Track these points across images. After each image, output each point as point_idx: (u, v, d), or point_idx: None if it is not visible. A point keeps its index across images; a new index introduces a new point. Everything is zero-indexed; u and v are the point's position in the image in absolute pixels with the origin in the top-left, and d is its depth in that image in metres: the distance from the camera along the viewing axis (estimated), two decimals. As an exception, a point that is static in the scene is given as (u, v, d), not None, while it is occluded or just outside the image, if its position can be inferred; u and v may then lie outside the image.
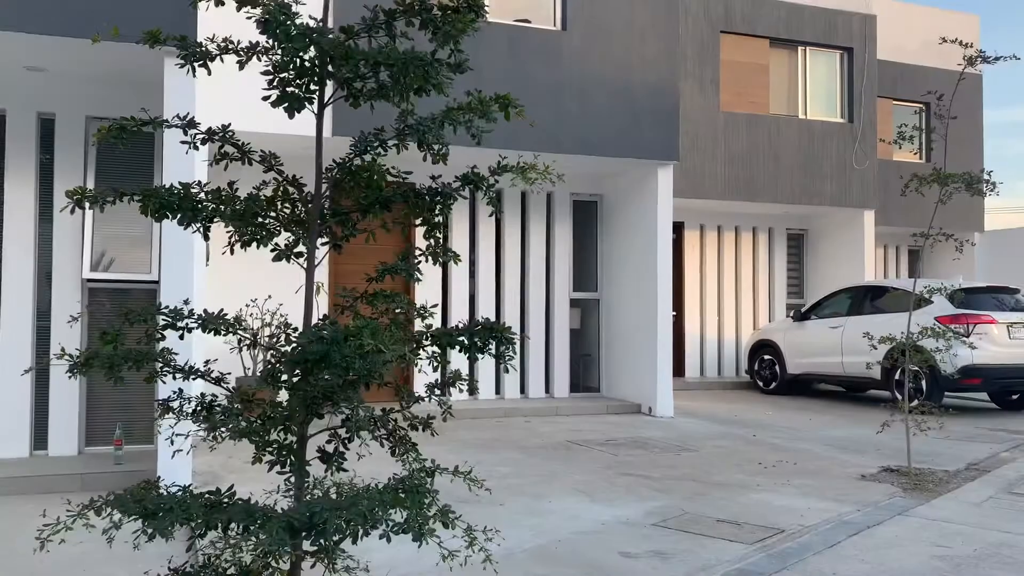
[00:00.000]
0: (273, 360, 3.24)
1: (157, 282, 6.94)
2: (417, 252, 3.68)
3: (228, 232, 3.27)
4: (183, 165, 5.89)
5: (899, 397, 10.21)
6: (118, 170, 7.26)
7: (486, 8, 3.24)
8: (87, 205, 3.03)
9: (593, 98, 10.18)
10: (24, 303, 7.06)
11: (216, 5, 2.97)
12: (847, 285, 13.36)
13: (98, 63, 6.50)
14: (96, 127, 7.22)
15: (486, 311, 11.15)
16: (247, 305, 9.19)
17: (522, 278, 11.49)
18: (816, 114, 14.48)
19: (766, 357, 13.59)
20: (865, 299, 12.41)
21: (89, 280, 7.14)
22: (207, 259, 8.14)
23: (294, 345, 3.01)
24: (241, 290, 9.14)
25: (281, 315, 9.10)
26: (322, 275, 8.54)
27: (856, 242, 14.78)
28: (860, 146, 14.41)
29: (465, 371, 9.45)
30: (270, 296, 9.12)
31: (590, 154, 10.21)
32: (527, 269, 11.49)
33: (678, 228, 14.04)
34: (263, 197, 3.38)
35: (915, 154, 15.93)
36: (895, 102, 16.29)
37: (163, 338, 3.09)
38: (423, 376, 7.97)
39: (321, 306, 5.26)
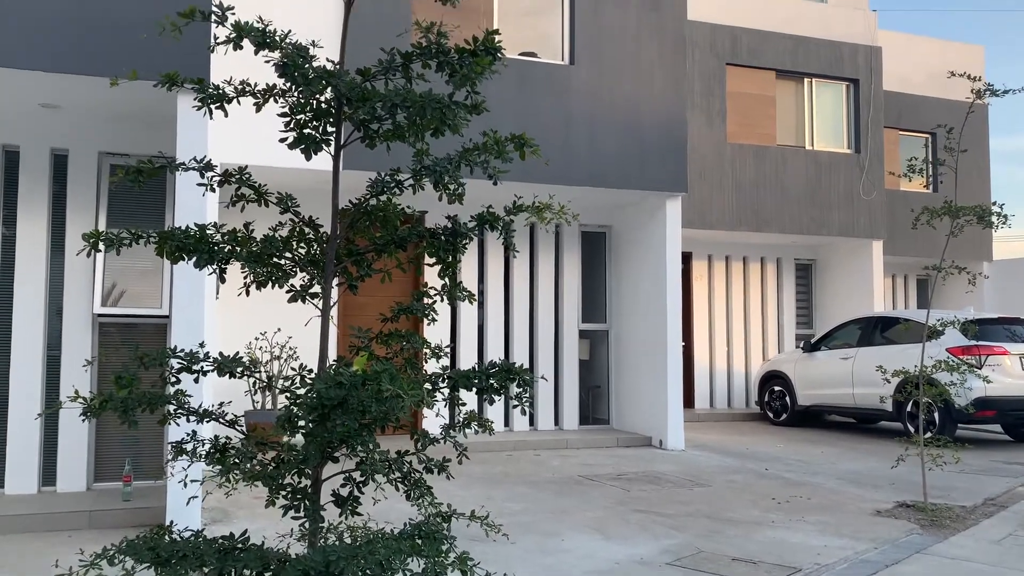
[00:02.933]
0: (289, 401, 3.22)
1: (168, 317, 6.93)
2: (431, 291, 3.66)
3: (244, 273, 3.26)
4: (196, 202, 5.90)
5: (912, 430, 10.12)
6: (130, 205, 7.28)
7: (503, 51, 3.25)
8: (102, 247, 3.03)
9: (602, 131, 10.22)
10: (35, 338, 7.06)
11: (234, 49, 2.99)
12: (856, 316, 13.30)
13: (112, 100, 6.54)
14: (109, 163, 7.28)
15: (495, 342, 11.12)
16: (256, 338, 9.18)
17: (531, 309, 11.47)
18: (823, 145, 14.51)
19: (776, 388, 13.50)
20: (875, 330, 12.34)
21: (100, 315, 7.14)
22: (217, 293, 8.13)
23: (310, 388, 2.98)
24: (251, 318, 9.12)
25: (291, 348, 9.10)
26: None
27: (864, 272, 14.74)
28: (867, 176, 14.42)
29: (474, 404, 9.41)
30: (279, 329, 9.11)
31: (599, 186, 10.23)
32: (536, 300, 11.47)
33: (686, 258, 14.02)
34: (279, 238, 3.38)
35: (923, 185, 15.96)
36: (901, 132, 16.32)
37: (178, 381, 3.07)
38: (435, 412, 7.92)
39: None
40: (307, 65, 3.10)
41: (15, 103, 6.74)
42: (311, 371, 3.21)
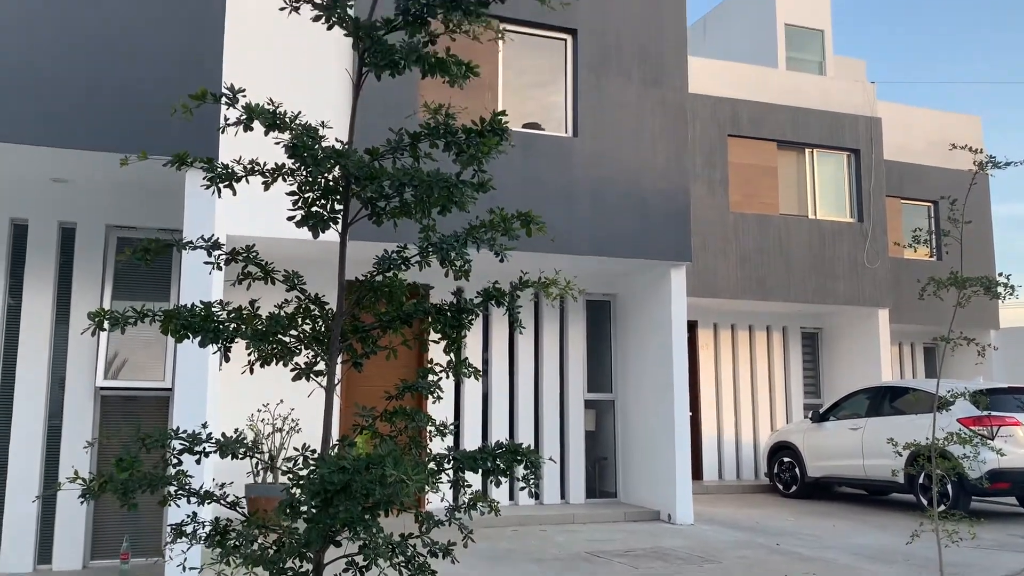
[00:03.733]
0: (291, 482, 3.15)
1: (171, 389, 6.88)
2: (436, 367, 3.63)
3: (248, 351, 3.23)
4: (202, 279, 5.91)
5: (925, 502, 9.90)
6: (137, 277, 7.31)
7: (509, 134, 3.28)
8: (107, 326, 3.01)
9: (605, 201, 10.30)
10: (36, 409, 7.00)
11: (244, 131, 3.02)
12: (865, 385, 13.17)
13: (121, 174, 6.62)
14: (116, 236, 7.32)
15: (499, 411, 11.00)
16: (259, 410, 9.10)
17: (536, 378, 11.38)
18: (826, 214, 14.60)
19: (785, 459, 13.29)
20: (884, 400, 12.20)
21: (102, 388, 7.09)
22: (221, 364, 8.09)
23: (312, 470, 2.92)
24: (254, 388, 8.99)
25: (294, 420, 9.01)
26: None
27: (871, 341, 14.66)
28: (871, 245, 14.47)
29: (479, 481, 9.24)
30: (282, 400, 9.03)
31: (603, 255, 10.25)
32: (541, 369, 11.39)
33: (692, 327, 13.98)
34: (284, 315, 3.36)
35: (928, 254, 15.99)
36: (904, 201, 16.43)
37: (180, 463, 3.02)
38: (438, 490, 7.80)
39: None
40: (316, 146, 3.13)
41: (25, 177, 6.82)
42: (314, 451, 3.16)
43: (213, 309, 3.19)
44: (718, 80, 14.11)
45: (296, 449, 3.32)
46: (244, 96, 3.05)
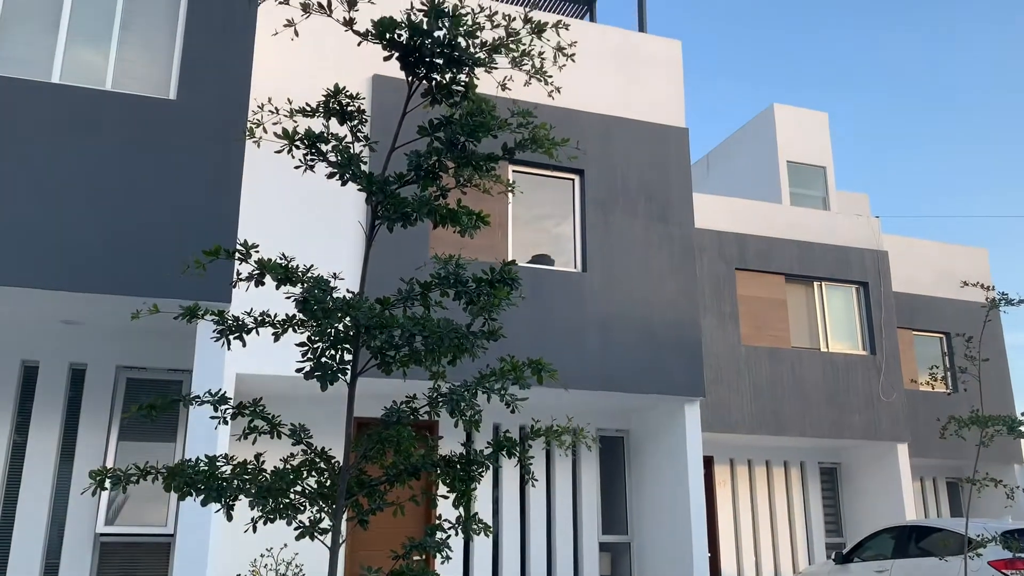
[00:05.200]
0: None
1: (172, 535, 6.68)
2: (445, 523, 3.51)
3: (252, 508, 3.14)
4: (208, 426, 5.84)
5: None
6: (143, 420, 7.23)
7: (520, 282, 3.30)
8: (108, 485, 2.94)
9: (615, 335, 10.28)
10: (33, 555, 6.79)
11: (256, 286, 3.03)
12: (888, 524, 12.69)
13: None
14: (125, 376, 7.31)
15: (510, 554, 10.60)
16: (262, 555, 8.80)
17: (548, 521, 11.03)
18: (838, 347, 14.52)
19: (810, 604, 12.66)
20: (910, 540, 11.71)
21: (102, 534, 6.89)
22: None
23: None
24: (257, 531, 8.77)
25: (297, 566, 8.70)
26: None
27: (892, 476, 14.25)
28: (885, 378, 14.31)
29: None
30: (286, 545, 8.74)
31: (614, 390, 10.14)
32: (553, 511, 11.05)
33: (708, 463, 13.66)
34: (290, 469, 3.28)
35: (946, 389, 15.75)
36: (915, 333, 16.36)
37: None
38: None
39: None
40: (327, 297, 3.14)
41: (38, 320, 6.88)
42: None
43: (217, 464, 3.12)
44: (724, 215, 14.37)
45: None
46: (257, 251, 3.09)
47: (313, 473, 3.35)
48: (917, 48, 56.80)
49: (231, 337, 3.21)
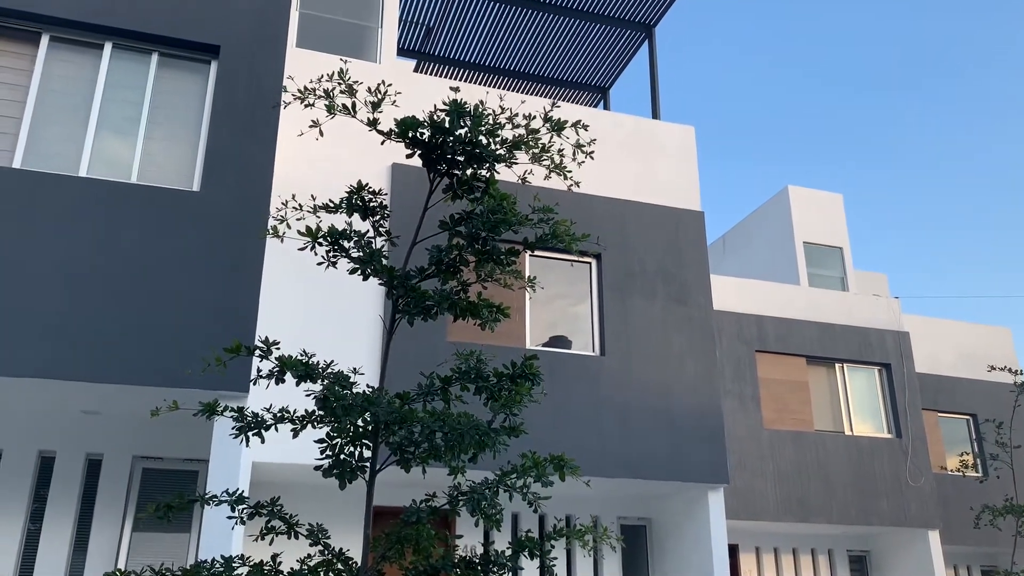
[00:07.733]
0: None
1: (183, 633, 6.50)
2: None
3: (267, 613, 3.04)
4: (225, 523, 5.73)
5: None
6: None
7: (542, 377, 3.26)
8: (122, 589, 2.86)
9: (635, 420, 10.13)
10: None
11: (276, 384, 3.01)
12: (924, 616, 12.21)
13: (150, 406, 6.65)
14: (141, 467, 7.24)
15: (531, 651, 10.23)
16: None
17: (569, 613, 10.67)
18: (862, 430, 14.23)
19: None
20: (947, 633, 11.25)
21: (112, 630, 6.72)
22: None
23: None
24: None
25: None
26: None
27: (924, 565, 13.75)
28: (912, 462, 13.96)
29: None
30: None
31: (634, 477, 9.92)
32: (574, 603, 10.70)
33: (733, 551, 13.26)
34: (307, 569, 3.19)
35: (979, 480, 15.30)
36: (940, 414, 16.04)
37: None
38: None
39: None
40: (346, 392, 3.11)
41: (56, 410, 6.87)
42: None
43: (233, 565, 3.04)
44: (742, 297, 14.32)
45: None
46: (277, 348, 3.07)
47: (331, 574, 3.26)
48: (931, 123, 57.48)
49: (250, 434, 3.18)
